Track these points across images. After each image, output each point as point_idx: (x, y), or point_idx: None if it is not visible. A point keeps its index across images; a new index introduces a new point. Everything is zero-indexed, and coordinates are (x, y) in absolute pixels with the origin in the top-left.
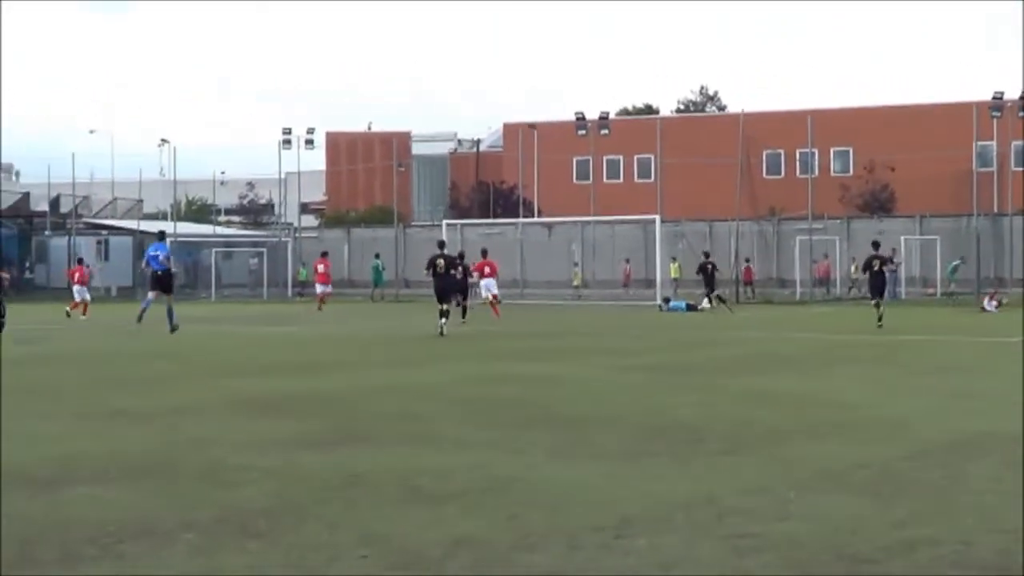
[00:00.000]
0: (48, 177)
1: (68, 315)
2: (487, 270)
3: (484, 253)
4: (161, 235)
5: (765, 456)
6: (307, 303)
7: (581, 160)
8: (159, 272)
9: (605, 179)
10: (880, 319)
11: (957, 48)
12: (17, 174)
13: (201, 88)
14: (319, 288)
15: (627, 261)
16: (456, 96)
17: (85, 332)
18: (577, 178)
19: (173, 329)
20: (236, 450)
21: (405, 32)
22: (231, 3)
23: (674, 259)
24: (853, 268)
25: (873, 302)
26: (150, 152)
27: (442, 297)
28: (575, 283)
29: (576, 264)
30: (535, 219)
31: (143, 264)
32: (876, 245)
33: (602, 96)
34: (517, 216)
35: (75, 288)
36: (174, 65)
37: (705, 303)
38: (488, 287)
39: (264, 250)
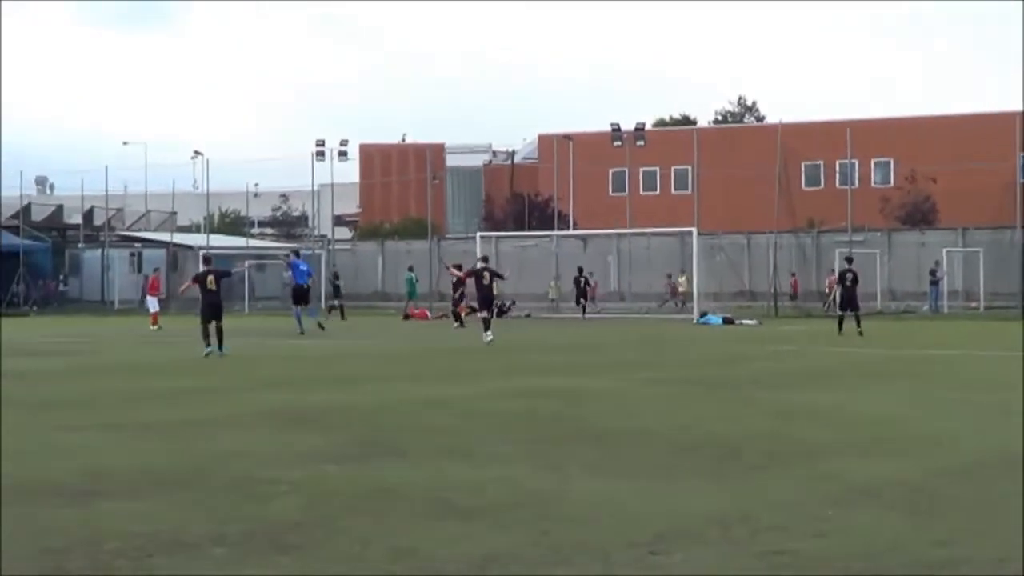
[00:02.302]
0: (81, 189)
1: (159, 328)
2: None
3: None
4: (296, 253)
5: (801, 472)
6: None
7: (617, 172)
8: (305, 286)
9: (641, 191)
10: (859, 327)
11: (1000, 58)
12: (51, 187)
13: (235, 100)
14: (155, 306)
15: (670, 276)
16: (490, 107)
17: (121, 344)
18: (613, 190)
19: (304, 332)
20: (266, 463)
21: (439, 42)
22: (266, 13)
23: (683, 272)
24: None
25: (846, 313)
26: (183, 164)
27: (486, 304)
28: (551, 295)
29: (556, 278)
30: (570, 231)
31: (287, 275)
32: (849, 260)
33: (638, 107)
34: (552, 228)
35: (149, 300)
36: (208, 76)
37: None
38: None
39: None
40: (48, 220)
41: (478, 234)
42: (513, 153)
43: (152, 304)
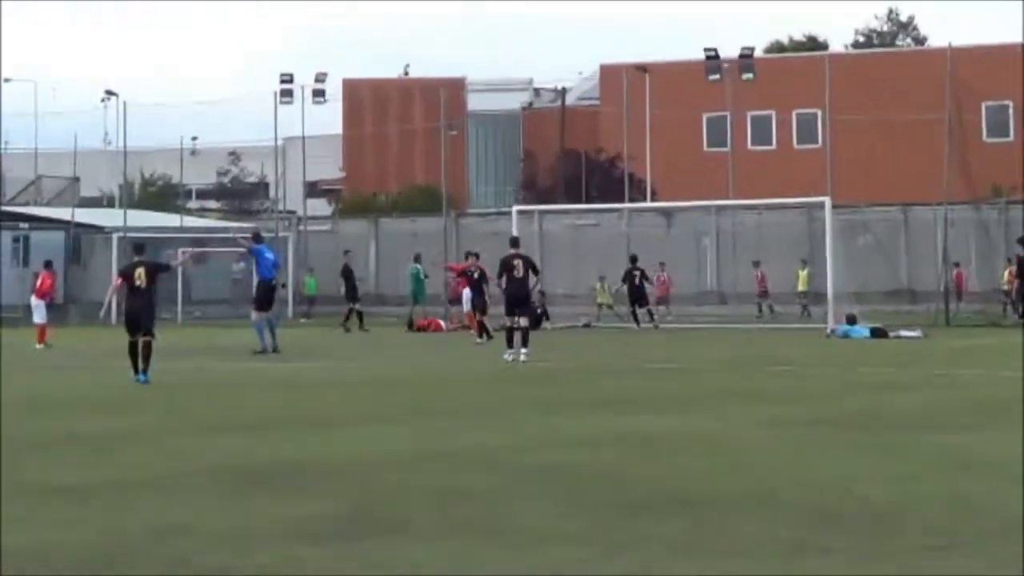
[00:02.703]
0: None
1: (48, 345)
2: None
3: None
4: (257, 237)
5: (993, 554)
6: (317, 327)
7: (714, 118)
8: (272, 283)
9: (750, 144)
10: None
11: None
12: None
13: (161, 15)
14: (41, 315)
15: (757, 265)
16: (530, 24)
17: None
18: (709, 144)
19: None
20: (214, 543)
21: None
22: None
23: (804, 263)
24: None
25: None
26: (89, 110)
27: (517, 305)
28: (600, 300)
29: (602, 278)
30: (647, 203)
31: (239, 267)
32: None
33: (744, 25)
34: (621, 199)
35: (35, 305)
36: None
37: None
38: (467, 298)
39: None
40: None
41: (514, 208)
42: (564, 91)
43: (39, 312)
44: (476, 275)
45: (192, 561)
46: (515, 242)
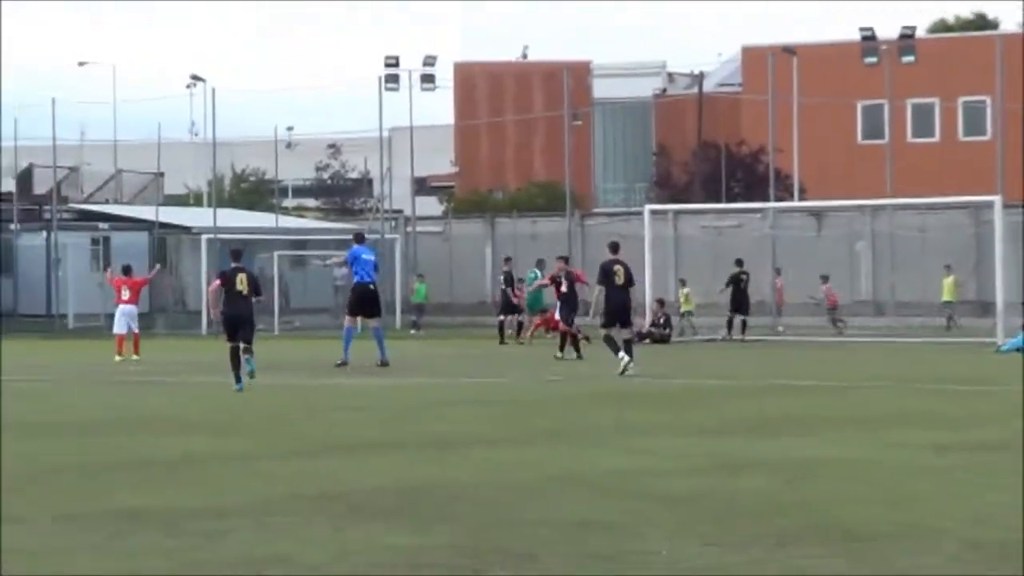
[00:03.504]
0: (14, 137)
1: (130, 357)
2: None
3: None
4: (360, 237)
5: None
6: (426, 339)
7: (870, 106)
8: (371, 286)
9: (910, 136)
10: None
11: None
12: None
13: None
14: (126, 322)
15: (826, 280)
16: (664, 3)
17: (84, 384)
18: (864, 136)
19: (384, 363)
20: None
21: None
22: None
23: (948, 270)
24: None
25: None
26: (174, 97)
27: (619, 317)
28: (683, 308)
29: (683, 282)
30: (795, 203)
31: (342, 272)
32: None
33: (904, 2)
34: (766, 198)
35: (119, 310)
36: None
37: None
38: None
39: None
40: None
41: (646, 208)
42: (701, 77)
43: (122, 319)
44: (565, 282)
45: None
46: (615, 247)
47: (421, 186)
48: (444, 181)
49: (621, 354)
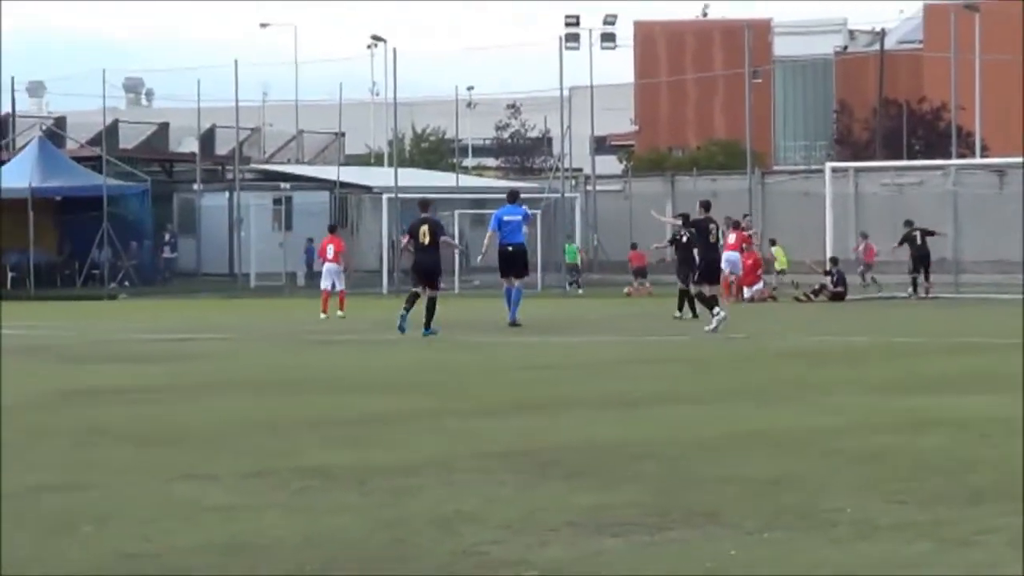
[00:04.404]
0: (197, 99)
1: (336, 315)
2: None
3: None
4: (513, 196)
5: None
6: (603, 297)
7: None
8: (510, 247)
9: None
10: None
11: None
12: (149, 94)
13: None
14: (331, 279)
15: (865, 237)
16: None
17: (270, 343)
18: None
19: (514, 323)
20: (504, 534)
21: None
22: None
23: None
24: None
25: None
26: (354, 58)
27: (713, 275)
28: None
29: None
30: (977, 159)
31: (489, 232)
32: None
33: None
34: (947, 155)
35: (325, 268)
36: None
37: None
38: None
39: (538, 212)
40: (145, 147)
41: (828, 165)
42: (883, 34)
43: (328, 277)
44: (684, 239)
45: (484, 553)
46: (707, 206)
47: (601, 145)
48: (624, 140)
49: (717, 309)
